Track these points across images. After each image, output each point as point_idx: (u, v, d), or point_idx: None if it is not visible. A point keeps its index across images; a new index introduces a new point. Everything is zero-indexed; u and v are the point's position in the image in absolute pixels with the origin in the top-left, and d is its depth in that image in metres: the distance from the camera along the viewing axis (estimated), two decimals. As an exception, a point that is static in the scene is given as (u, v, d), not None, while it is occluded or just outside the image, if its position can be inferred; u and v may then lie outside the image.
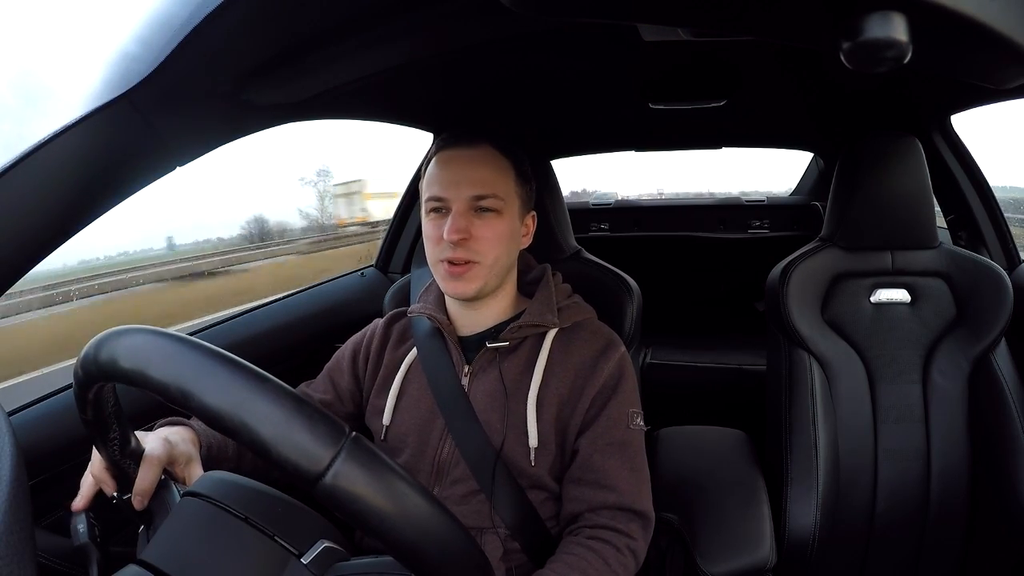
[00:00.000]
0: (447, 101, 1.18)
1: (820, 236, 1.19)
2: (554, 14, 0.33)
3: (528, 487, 0.80)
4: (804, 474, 1.05)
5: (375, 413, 0.87)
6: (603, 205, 2.43)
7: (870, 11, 0.27)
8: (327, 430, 0.38)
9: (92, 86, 0.51)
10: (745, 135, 1.77)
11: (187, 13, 0.47)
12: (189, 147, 0.62)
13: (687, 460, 1.11)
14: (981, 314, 1.07)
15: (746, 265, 1.89)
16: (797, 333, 1.10)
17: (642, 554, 0.77)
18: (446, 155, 0.83)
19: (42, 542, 0.74)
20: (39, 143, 0.49)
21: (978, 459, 1.06)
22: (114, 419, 0.53)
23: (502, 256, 0.82)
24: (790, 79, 1.15)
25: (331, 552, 0.49)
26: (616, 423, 0.80)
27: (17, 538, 0.33)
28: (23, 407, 0.83)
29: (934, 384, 1.08)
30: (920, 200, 1.08)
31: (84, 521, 0.58)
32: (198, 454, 0.69)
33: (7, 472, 0.36)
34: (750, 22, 0.32)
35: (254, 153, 14.30)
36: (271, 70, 0.61)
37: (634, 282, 1.07)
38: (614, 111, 1.40)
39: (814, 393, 1.08)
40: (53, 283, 6.37)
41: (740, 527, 0.96)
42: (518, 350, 0.84)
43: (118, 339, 0.43)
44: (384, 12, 0.60)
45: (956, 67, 0.34)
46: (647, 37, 0.84)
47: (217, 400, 0.38)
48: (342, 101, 0.95)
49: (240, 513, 0.49)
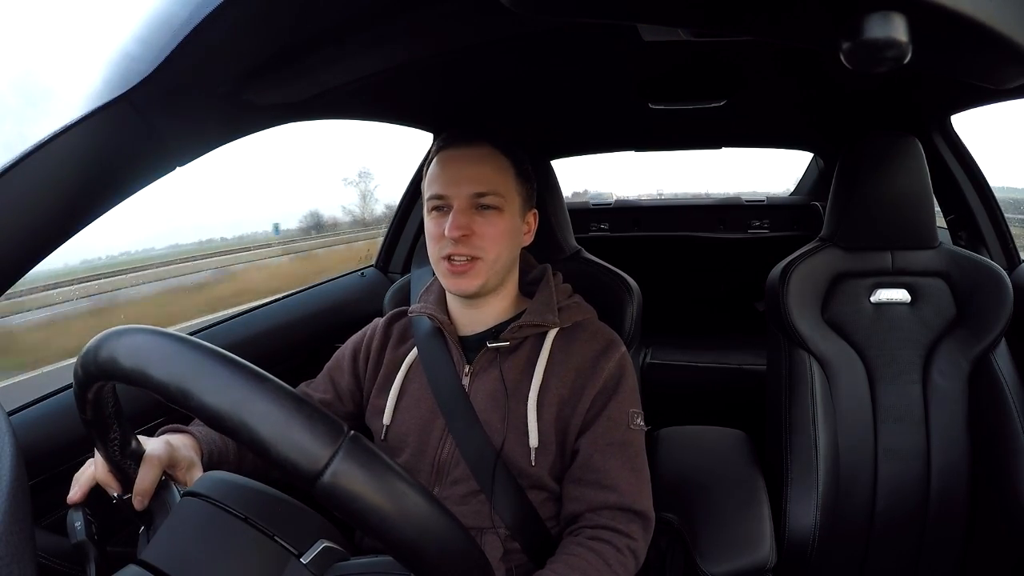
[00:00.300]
0: (447, 101, 1.18)
1: (820, 236, 1.19)
2: (554, 14, 0.33)
3: (528, 487, 0.80)
4: (804, 474, 1.05)
5: (375, 413, 0.87)
6: (603, 205, 2.43)
7: (870, 11, 0.27)
8: (326, 429, 0.38)
9: (92, 86, 0.51)
10: (745, 135, 1.77)
11: (187, 13, 0.47)
12: (189, 147, 0.62)
13: (687, 460, 1.11)
14: (981, 314, 1.07)
15: (746, 265, 1.89)
16: (797, 333, 1.10)
17: (642, 554, 0.77)
18: (446, 154, 0.83)
19: (42, 542, 0.74)
20: (39, 143, 0.49)
21: (978, 459, 1.06)
22: (114, 419, 0.53)
23: (503, 253, 0.82)
24: (790, 79, 1.15)
25: (331, 552, 0.49)
26: (616, 423, 0.80)
27: (17, 538, 0.33)
28: (23, 407, 0.83)
29: (934, 384, 1.08)
30: (920, 200, 1.08)
31: (81, 518, 0.58)
32: (199, 461, 0.70)
33: (7, 472, 0.36)
34: (750, 22, 0.32)
35: (302, 155, 15.04)
36: (271, 70, 0.61)
37: (634, 282, 1.07)
38: (614, 111, 1.40)
39: (814, 393, 1.08)
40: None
41: (740, 527, 0.96)
42: (518, 350, 0.84)
43: (118, 338, 0.43)
44: (384, 12, 0.60)
45: (956, 67, 0.34)
46: (647, 37, 0.84)
47: (216, 399, 0.39)
48: (342, 101, 0.95)
49: (240, 513, 0.49)
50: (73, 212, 0.53)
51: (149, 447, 0.62)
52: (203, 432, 0.75)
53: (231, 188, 10.93)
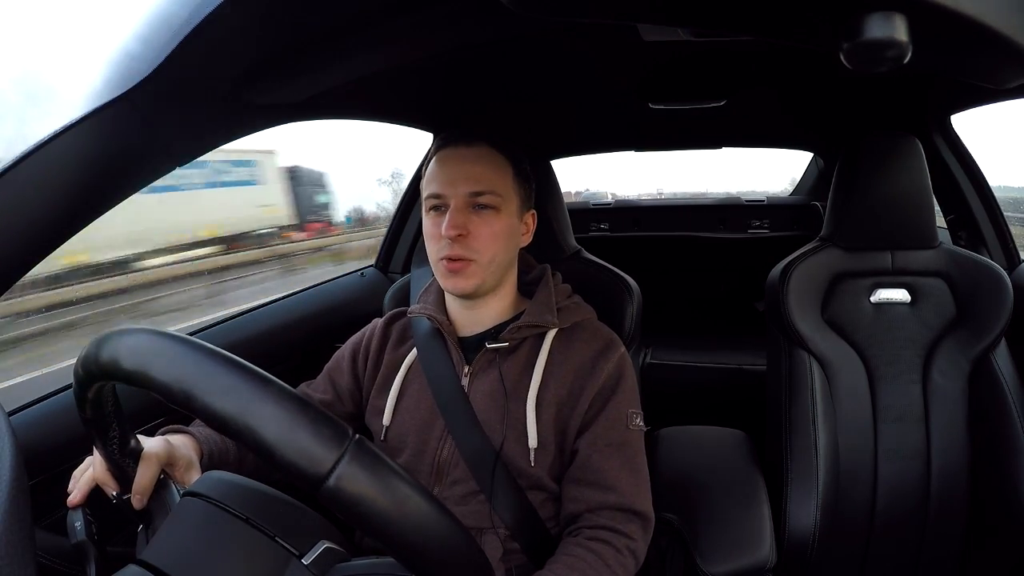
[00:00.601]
0: (447, 101, 1.18)
1: (820, 236, 1.19)
2: (554, 14, 0.33)
3: (528, 488, 0.80)
4: (804, 474, 1.05)
5: (375, 413, 0.87)
6: (603, 205, 2.43)
7: (870, 11, 0.27)
8: (330, 433, 0.38)
9: (92, 86, 0.51)
10: (745, 135, 1.77)
11: (187, 13, 0.47)
12: (189, 147, 0.62)
13: (687, 460, 1.11)
14: (981, 314, 1.07)
15: (746, 265, 1.89)
16: (797, 333, 1.10)
17: (642, 555, 0.77)
18: (444, 154, 0.83)
19: (42, 542, 0.74)
20: (39, 143, 0.49)
21: (978, 459, 1.06)
22: (113, 418, 0.53)
23: (499, 253, 0.82)
24: (790, 79, 1.15)
25: (332, 553, 0.49)
26: (616, 423, 0.80)
27: (17, 538, 0.33)
28: (23, 407, 0.83)
29: (934, 384, 1.08)
30: (920, 200, 1.08)
31: (81, 518, 0.58)
32: (198, 461, 0.70)
33: (7, 472, 0.36)
34: (750, 22, 0.32)
35: (341, 155, 15.56)
36: (271, 70, 0.61)
37: (634, 282, 1.07)
38: (614, 111, 1.40)
39: (814, 393, 1.08)
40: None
41: (740, 527, 0.95)
42: (518, 350, 0.84)
43: (120, 339, 0.43)
44: (384, 12, 0.60)
45: (956, 67, 0.34)
46: (647, 37, 0.85)
47: (220, 402, 0.38)
48: (342, 101, 0.95)
49: (241, 513, 0.49)
50: (73, 212, 0.53)
51: (147, 445, 0.62)
52: (203, 433, 0.75)
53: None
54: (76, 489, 0.61)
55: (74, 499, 0.60)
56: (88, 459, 0.63)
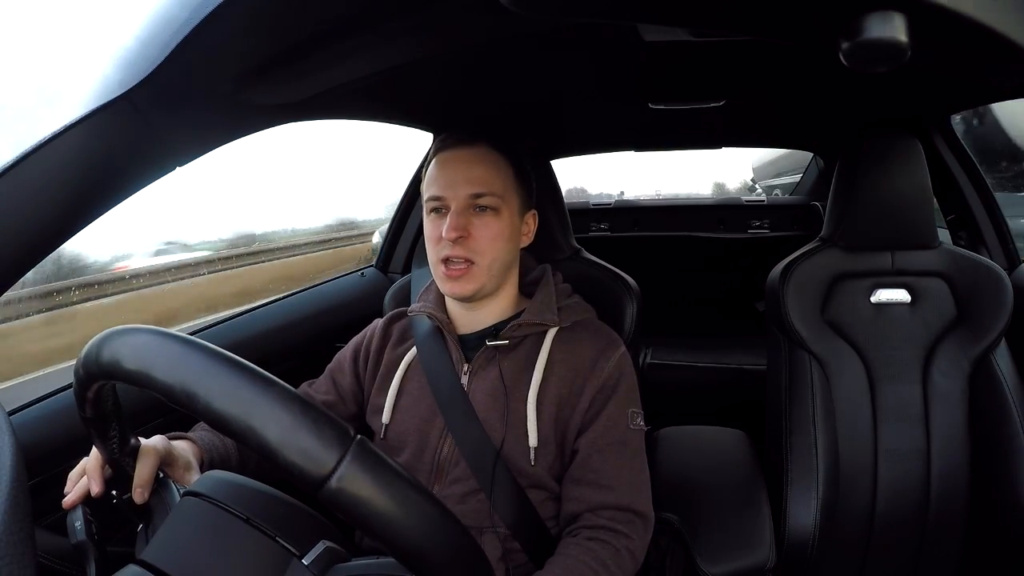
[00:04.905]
0: (447, 101, 1.18)
1: (820, 236, 1.19)
2: (554, 14, 0.33)
3: (528, 487, 0.80)
4: (804, 474, 1.05)
5: (375, 412, 0.87)
6: (603, 205, 2.43)
7: (870, 11, 0.27)
8: (333, 434, 0.38)
9: (92, 86, 0.51)
10: (745, 135, 1.77)
11: (187, 13, 0.47)
12: (189, 147, 0.62)
13: (687, 460, 1.11)
14: (981, 314, 1.07)
15: (746, 265, 1.89)
16: (797, 333, 1.10)
17: (641, 555, 0.77)
18: (444, 155, 0.83)
19: (42, 542, 0.74)
20: (39, 143, 0.49)
21: (978, 459, 1.06)
22: (113, 417, 0.53)
23: (500, 255, 0.82)
24: (790, 79, 1.15)
25: (332, 553, 0.49)
26: (616, 423, 0.80)
27: (17, 538, 0.33)
28: (23, 407, 0.83)
29: (934, 384, 1.08)
30: (920, 200, 1.08)
31: (81, 518, 0.58)
32: (197, 464, 0.69)
33: (7, 472, 0.36)
34: (750, 22, 0.32)
35: (353, 160, 15.62)
36: (271, 70, 0.61)
37: (634, 282, 1.07)
38: (614, 111, 1.40)
39: (814, 393, 1.08)
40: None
41: (740, 527, 0.96)
42: (518, 349, 0.84)
43: (121, 339, 0.43)
44: (384, 12, 0.60)
45: (956, 67, 0.34)
46: (647, 37, 0.84)
47: (222, 403, 0.38)
48: (342, 101, 0.95)
49: (241, 513, 0.49)
50: (73, 212, 0.53)
51: (146, 441, 0.62)
52: (203, 437, 0.75)
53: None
54: (74, 490, 0.61)
55: (69, 500, 0.60)
56: (83, 460, 0.63)
